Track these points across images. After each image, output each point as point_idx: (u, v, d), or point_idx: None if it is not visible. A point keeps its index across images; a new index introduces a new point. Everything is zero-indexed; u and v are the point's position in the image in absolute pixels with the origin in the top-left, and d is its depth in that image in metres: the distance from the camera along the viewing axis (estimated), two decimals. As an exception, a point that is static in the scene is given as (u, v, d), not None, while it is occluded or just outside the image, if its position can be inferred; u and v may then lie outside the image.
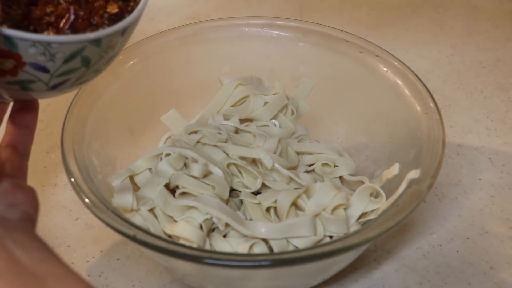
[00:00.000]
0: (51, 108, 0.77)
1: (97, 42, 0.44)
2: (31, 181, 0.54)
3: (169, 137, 0.64)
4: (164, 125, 0.66)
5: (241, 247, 0.53)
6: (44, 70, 0.44)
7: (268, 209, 0.57)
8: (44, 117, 0.75)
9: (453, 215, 0.65)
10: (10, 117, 0.51)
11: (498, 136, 0.74)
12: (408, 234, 0.63)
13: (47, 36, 0.43)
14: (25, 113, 0.51)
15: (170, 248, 0.47)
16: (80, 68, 0.45)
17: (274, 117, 0.65)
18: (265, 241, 0.53)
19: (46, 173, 0.69)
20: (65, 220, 0.65)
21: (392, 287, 0.58)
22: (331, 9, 0.95)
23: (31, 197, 0.45)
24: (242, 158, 0.59)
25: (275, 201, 0.56)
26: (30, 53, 0.42)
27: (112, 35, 0.45)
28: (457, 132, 0.74)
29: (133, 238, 0.47)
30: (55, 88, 0.46)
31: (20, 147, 0.50)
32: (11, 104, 0.52)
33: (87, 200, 0.50)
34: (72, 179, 0.51)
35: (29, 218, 0.44)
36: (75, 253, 0.61)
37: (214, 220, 0.53)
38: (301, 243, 0.53)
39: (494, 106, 0.78)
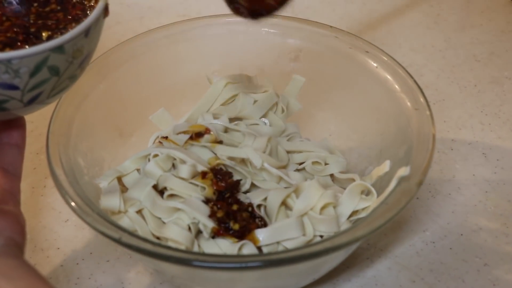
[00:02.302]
0: (40, 110, 0.76)
1: (59, 49, 0.43)
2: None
3: (158, 136, 0.63)
4: (153, 125, 0.65)
5: (230, 248, 0.52)
6: (13, 87, 0.43)
7: (258, 207, 0.56)
8: (33, 118, 0.75)
9: (447, 212, 0.64)
10: None
11: (492, 131, 0.73)
12: (401, 232, 0.62)
13: (5, 54, 0.41)
14: (11, 130, 0.50)
15: (156, 250, 0.46)
16: (51, 78, 0.44)
17: (264, 115, 0.64)
18: (254, 241, 0.53)
19: (35, 175, 0.69)
20: (54, 222, 0.64)
21: (385, 286, 0.57)
22: (323, 4, 0.95)
23: (15, 222, 0.44)
24: (231, 158, 0.58)
25: (265, 199, 0.55)
26: None
27: (74, 39, 0.44)
28: (450, 127, 0.73)
29: (119, 241, 0.46)
30: (31, 102, 0.45)
31: (10, 168, 0.49)
32: None
33: (72, 202, 0.49)
34: (57, 181, 0.51)
35: (15, 243, 0.43)
36: (65, 255, 0.61)
37: (200, 226, 0.53)
38: (291, 244, 0.52)
39: (488, 100, 0.77)
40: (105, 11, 0.48)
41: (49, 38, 0.45)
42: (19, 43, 0.45)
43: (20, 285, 0.38)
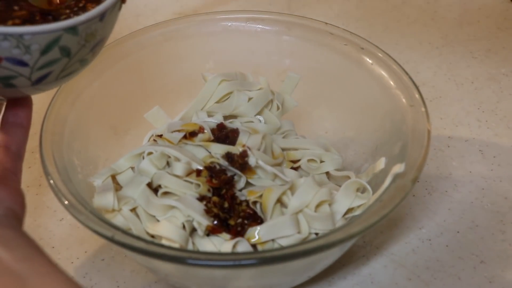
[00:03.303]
0: (36, 107, 0.75)
1: (73, 30, 0.43)
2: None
3: (153, 135, 0.63)
4: (148, 123, 0.65)
5: (225, 246, 0.52)
6: (22, 64, 0.43)
7: (254, 204, 0.56)
8: (28, 117, 0.74)
9: (443, 209, 0.64)
10: (3, 116, 0.49)
11: (489, 128, 0.72)
12: (397, 229, 0.62)
13: (17, 28, 0.41)
14: (17, 110, 0.49)
15: (149, 248, 0.46)
16: (61, 59, 0.44)
17: (259, 113, 0.64)
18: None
19: (30, 173, 0.69)
20: (49, 220, 0.64)
21: (380, 283, 0.57)
22: (319, 1, 0.94)
23: (16, 194, 0.44)
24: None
25: (260, 196, 0.55)
26: (3, 47, 0.41)
27: (88, 21, 0.44)
28: (447, 124, 0.73)
29: (112, 239, 0.46)
30: (39, 82, 0.45)
31: (13, 147, 0.48)
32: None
33: (65, 201, 0.49)
34: (51, 180, 0.50)
35: (14, 214, 0.43)
36: (60, 254, 0.61)
37: (194, 224, 0.52)
38: (286, 242, 0.52)
39: (485, 97, 0.77)
40: None
41: (65, 19, 0.45)
42: (37, 19, 0.45)
43: (18, 255, 0.38)
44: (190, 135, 0.59)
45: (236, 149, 0.57)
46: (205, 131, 0.59)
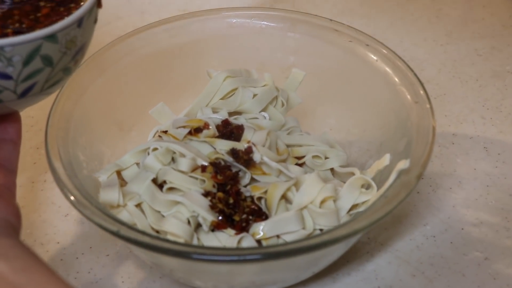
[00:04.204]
0: (40, 104, 0.75)
1: (52, 37, 0.43)
2: (20, 176, 0.54)
3: (158, 131, 0.63)
4: (153, 119, 0.65)
5: (230, 241, 0.52)
6: (6, 77, 0.43)
7: (259, 200, 0.56)
8: (33, 113, 0.75)
9: (447, 206, 0.64)
10: None
11: (493, 125, 0.72)
12: (402, 226, 0.62)
13: None
14: (6, 125, 0.49)
15: (155, 243, 0.46)
16: (44, 68, 0.44)
17: (264, 109, 0.64)
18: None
19: (35, 169, 0.69)
20: (54, 216, 0.64)
21: (385, 280, 0.57)
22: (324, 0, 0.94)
23: (11, 207, 0.44)
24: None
25: (265, 192, 0.55)
26: None
27: (66, 28, 0.44)
28: (452, 121, 0.73)
29: (117, 234, 0.46)
30: (25, 94, 0.45)
31: (6, 163, 0.49)
32: None
33: (71, 196, 0.49)
34: (56, 176, 0.51)
35: (10, 225, 0.43)
36: (64, 250, 0.61)
37: (199, 219, 0.52)
38: (290, 238, 0.52)
39: (489, 94, 0.77)
40: (98, 2, 0.48)
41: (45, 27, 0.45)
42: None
43: (16, 266, 0.38)
44: (195, 131, 0.59)
45: (241, 145, 0.57)
46: (210, 127, 0.59)
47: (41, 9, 0.47)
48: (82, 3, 0.47)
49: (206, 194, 0.54)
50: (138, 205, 0.55)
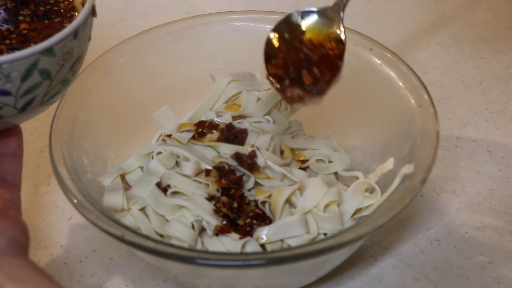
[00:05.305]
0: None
1: (49, 51, 0.43)
2: (23, 179, 0.54)
3: (162, 134, 0.63)
4: (157, 123, 0.65)
5: (234, 246, 0.52)
6: (6, 93, 0.43)
7: (263, 204, 0.56)
8: (37, 116, 0.74)
9: (451, 209, 0.64)
10: None
11: (497, 128, 0.72)
12: (405, 229, 0.62)
13: None
14: (8, 139, 0.49)
15: (159, 248, 0.46)
16: (43, 82, 0.44)
17: (268, 113, 0.64)
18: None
19: (39, 172, 0.69)
20: (58, 219, 0.64)
21: (389, 284, 0.57)
22: (328, 1, 0.94)
23: (17, 224, 0.44)
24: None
25: (269, 196, 0.55)
26: None
27: (62, 40, 0.44)
28: (455, 125, 0.73)
29: (121, 239, 0.46)
30: (25, 108, 0.45)
31: (9, 177, 0.48)
32: None
33: (74, 200, 0.49)
34: (60, 179, 0.51)
35: (19, 244, 0.42)
36: (68, 253, 0.61)
37: (204, 224, 0.52)
38: (295, 242, 0.52)
39: (493, 98, 0.76)
40: (93, 12, 0.48)
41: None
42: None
43: (28, 287, 0.37)
44: (199, 135, 0.59)
45: (245, 149, 0.57)
46: (214, 131, 0.59)
47: (19, 23, 0.47)
48: (68, 15, 0.47)
49: (210, 198, 0.54)
50: (142, 209, 0.55)
